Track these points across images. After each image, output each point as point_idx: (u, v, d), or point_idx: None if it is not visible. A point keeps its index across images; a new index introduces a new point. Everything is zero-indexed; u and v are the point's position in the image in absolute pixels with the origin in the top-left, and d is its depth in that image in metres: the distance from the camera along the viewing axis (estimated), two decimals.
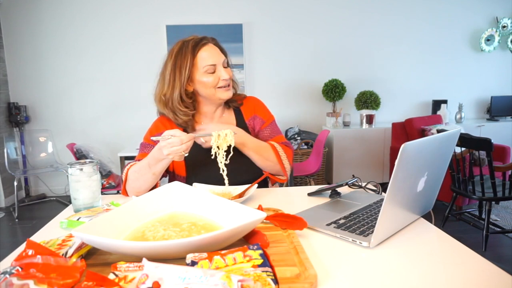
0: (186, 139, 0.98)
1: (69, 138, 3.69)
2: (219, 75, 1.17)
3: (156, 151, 1.05)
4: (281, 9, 3.95)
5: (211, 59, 1.16)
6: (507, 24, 4.12)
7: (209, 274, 0.49)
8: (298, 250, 0.68)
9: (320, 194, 1.11)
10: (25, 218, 3.33)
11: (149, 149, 1.21)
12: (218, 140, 1.08)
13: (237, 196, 1.04)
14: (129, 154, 2.76)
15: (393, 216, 0.76)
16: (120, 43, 3.85)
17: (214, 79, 1.17)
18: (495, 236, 2.56)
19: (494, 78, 4.31)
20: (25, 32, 3.75)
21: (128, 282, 0.53)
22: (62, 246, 0.66)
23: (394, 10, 4.06)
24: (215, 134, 1.08)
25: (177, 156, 1.00)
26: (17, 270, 0.54)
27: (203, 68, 1.15)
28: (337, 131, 3.79)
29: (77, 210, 0.98)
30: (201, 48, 1.16)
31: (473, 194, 2.38)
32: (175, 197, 0.85)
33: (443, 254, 0.71)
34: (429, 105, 4.25)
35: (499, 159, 3.22)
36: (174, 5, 3.83)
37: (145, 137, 1.26)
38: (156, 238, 0.71)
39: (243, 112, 1.32)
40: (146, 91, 3.88)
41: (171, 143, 0.97)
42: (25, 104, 3.81)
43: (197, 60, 1.15)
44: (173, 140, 0.97)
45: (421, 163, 0.76)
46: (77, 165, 0.97)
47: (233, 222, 0.72)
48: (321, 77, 4.04)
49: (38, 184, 4.02)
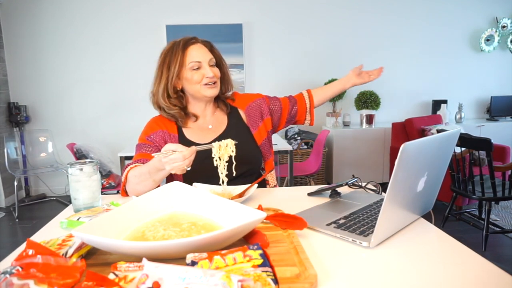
0: (188, 154, 0.96)
1: (69, 138, 3.69)
2: (203, 72, 1.21)
3: (157, 162, 1.02)
4: (281, 9, 3.95)
5: (197, 57, 1.21)
6: (507, 24, 4.12)
7: (209, 274, 0.49)
8: (298, 250, 0.68)
9: (320, 194, 1.11)
10: (25, 218, 3.33)
11: (146, 149, 1.22)
12: (220, 151, 1.08)
13: (237, 196, 1.04)
14: (129, 154, 2.76)
15: (393, 216, 0.76)
16: (120, 43, 3.85)
17: (198, 76, 1.21)
18: (495, 236, 2.56)
19: (494, 78, 4.31)
20: (25, 32, 3.75)
21: (128, 282, 0.53)
22: (62, 246, 0.66)
23: (394, 10, 4.06)
24: (216, 145, 1.08)
25: (180, 170, 0.99)
26: (17, 270, 0.54)
27: (189, 65, 1.20)
28: (337, 131, 3.79)
29: (77, 210, 0.98)
30: (189, 47, 1.22)
31: (473, 194, 2.38)
32: (175, 197, 0.85)
33: (443, 254, 0.71)
34: (429, 105, 4.25)
35: (499, 159, 3.22)
36: (174, 5, 3.83)
37: (140, 138, 1.27)
38: (156, 238, 0.71)
39: (237, 106, 1.36)
40: (146, 91, 3.89)
41: (174, 159, 0.96)
42: (25, 104, 3.81)
43: (185, 57, 1.21)
44: (175, 156, 0.96)
45: (421, 163, 0.76)
46: (77, 165, 0.97)
47: (233, 222, 0.72)
48: (321, 77, 4.03)
49: (38, 184, 4.02)
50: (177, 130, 1.28)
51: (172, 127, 1.28)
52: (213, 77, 1.22)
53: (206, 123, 1.31)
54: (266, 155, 1.35)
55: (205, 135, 1.29)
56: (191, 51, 1.21)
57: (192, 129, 1.29)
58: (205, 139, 1.27)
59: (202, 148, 1.05)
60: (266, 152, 1.35)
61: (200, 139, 1.27)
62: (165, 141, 1.25)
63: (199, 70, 1.21)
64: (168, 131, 1.26)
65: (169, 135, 1.26)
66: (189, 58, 1.21)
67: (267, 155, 1.36)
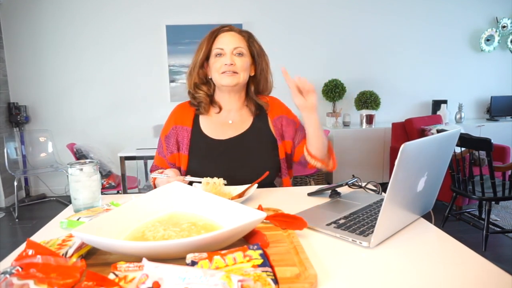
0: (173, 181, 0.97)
1: (69, 138, 3.69)
2: (223, 61, 1.17)
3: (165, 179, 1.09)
4: (281, 9, 3.95)
5: (221, 44, 1.19)
6: (507, 24, 4.12)
7: (209, 274, 0.49)
8: (298, 250, 0.68)
9: (320, 194, 1.11)
10: (25, 218, 3.33)
11: (160, 149, 1.30)
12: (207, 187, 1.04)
13: (237, 196, 1.04)
14: (129, 154, 2.75)
15: (393, 216, 0.76)
16: (120, 43, 3.85)
17: (218, 64, 1.18)
18: (495, 236, 2.56)
19: (494, 78, 4.31)
20: (25, 32, 3.75)
21: (128, 282, 0.53)
22: (62, 246, 0.66)
23: (394, 10, 4.06)
24: (204, 180, 1.06)
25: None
26: (17, 270, 0.54)
27: (214, 51, 1.19)
28: (337, 131, 3.79)
29: (77, 210, 0.98)
30: (220, 34, 1.20)
31: (473, 194, 2.38)
32: (175, 197, 0.85)
33: (443, 254, 0.71)
34: (429, 105, 4.25)
35: (499, 159, 3.22)
36: (174, 5, 3.83)
37: (162, 131, 1.31)
38: (156, 238, 0.71)
39: (268, 112, 1.29)
40: (146, 91, 3.90)
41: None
42: (25, 104, 3.81)
43: (213, 44, 1.20)
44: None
45: (421, 163, 0.76)
46: (77, 165, 0.97)
47: (233, 222, 0.72)
48: (321, 77, 4.03)
49: (38, 184, 4.02)
50: (192, 122, 1.26)
51: (188, 118, 1.26)
52: (232, 66, 1.17)
53: (228, 117, 1.27)
54: (283, 172, 1.28)
55: (224, 130, 1.25)
56: (220, 38, 1.20)
57: (212, 120, 1.26)
58: (222, 134, 1.24)
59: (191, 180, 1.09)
60: (284, 169, 1.27)
61: (217, 134, 1.24)
62: (177, 141, 1.26)
63: (221, 57, 1.18)
64: (181, 125, 1.25)
65: (181, 128, 1.25)
66: (215, 44, 1.20)
67: (284, 172, 1.28)
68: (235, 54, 1.18)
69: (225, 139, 1.23)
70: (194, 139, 1.24)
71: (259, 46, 1.26)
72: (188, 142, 1.24)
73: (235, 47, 1.18)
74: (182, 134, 1.25)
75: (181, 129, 1.25)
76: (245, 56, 1.20)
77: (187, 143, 1.24)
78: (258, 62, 1.25)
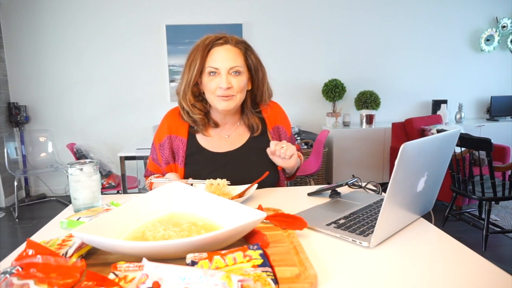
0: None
1: (69, 138, 3.69)
2: (219, 81, 1.08)
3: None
4: (281, 9, 3.95)
5: (216, 62, 1.08)
6: (507, 24, 4.12)
7: (209, 274, 0.49)
8: (298, 250, 0.68)
9: (320, 194, 1.10)
10: (25, 218, 3.33)
11: (154, 155, 1.25)
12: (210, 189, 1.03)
13: (237, 196, 1.04)
14: (129, 154, 2.76)
15: (393, 216, 0.76)
16: (120, 43, 3.85)
17: (213, 84, 1.09)
18: (495, 236, 2.56)
19: (494, 78, 4.31)
20: (25, 32, 3.75)
21: (128, 282, 0.53)
22: (62, 246, 0.66)
23: (394, 10, 4.06)
24: (207, 182, 1.05)
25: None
26: (17, 270, 0.54)
27: (207, 69, 1.09)
28: (337, 131, 3.79)
29: (77, 210, 0.98)
30: (214, 47, 1.09)
31: (473, 194, 2.38)
32: (175, 197, 0.85)
33: (443, 254, 0.71)
34: (429, 105, 4.25)
35: (499, 159, 3.22)
36: (173, 5, 3.83)
37: (154, 139, 1.25)
38: (156, 238, 0.71)
39: (266, 121, 1.26)
40: (146, 91, 3.90)
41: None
42: (25, 104, 3.81)
43: (206, 59, 1.09)
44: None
45: (421, 163, 0.76)
46: (77, 165, 0.97)
47: (233, 222, 0.72)
48: (321, 77, 4.04)
49: (38, 184, 4.02)
50: (187, 132, 1.20)
51: (183, 128, 1.20)
52: (228, 89, 1.08)
53: (224, 132, 1.23)
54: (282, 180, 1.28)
55: (221, 144, 1.21)
56: (214, 54, 1.08)
57: (208, 133, 1.21)
58: (218, 147, 1.20)
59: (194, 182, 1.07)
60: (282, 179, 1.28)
61: (214, 146, 1.20)
62: (172, 151, 1.20)
63: (216, 77, 1.09)
64: (176, 135, 1.20)
65: (176, 138, 1.20)
66: (208, 61, 1.08)
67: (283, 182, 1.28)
68: (231, 74, 1.09)
69: (223, 152, 1.20)
70: (190, 151, 1.20)
71: (256, 58, 1.16)
72: (184, 154, 1.19)
73: (232, 67, 1.08)
74: (177, 145, 1.20)
75: (175, 139, 1.20)
76: (242, 74, 1.11)
77: (183, 155, 1.19)
78: (255, 76, 1.17)
